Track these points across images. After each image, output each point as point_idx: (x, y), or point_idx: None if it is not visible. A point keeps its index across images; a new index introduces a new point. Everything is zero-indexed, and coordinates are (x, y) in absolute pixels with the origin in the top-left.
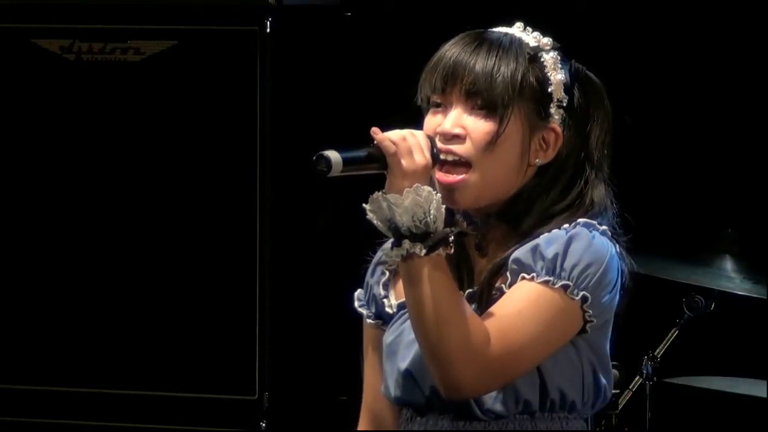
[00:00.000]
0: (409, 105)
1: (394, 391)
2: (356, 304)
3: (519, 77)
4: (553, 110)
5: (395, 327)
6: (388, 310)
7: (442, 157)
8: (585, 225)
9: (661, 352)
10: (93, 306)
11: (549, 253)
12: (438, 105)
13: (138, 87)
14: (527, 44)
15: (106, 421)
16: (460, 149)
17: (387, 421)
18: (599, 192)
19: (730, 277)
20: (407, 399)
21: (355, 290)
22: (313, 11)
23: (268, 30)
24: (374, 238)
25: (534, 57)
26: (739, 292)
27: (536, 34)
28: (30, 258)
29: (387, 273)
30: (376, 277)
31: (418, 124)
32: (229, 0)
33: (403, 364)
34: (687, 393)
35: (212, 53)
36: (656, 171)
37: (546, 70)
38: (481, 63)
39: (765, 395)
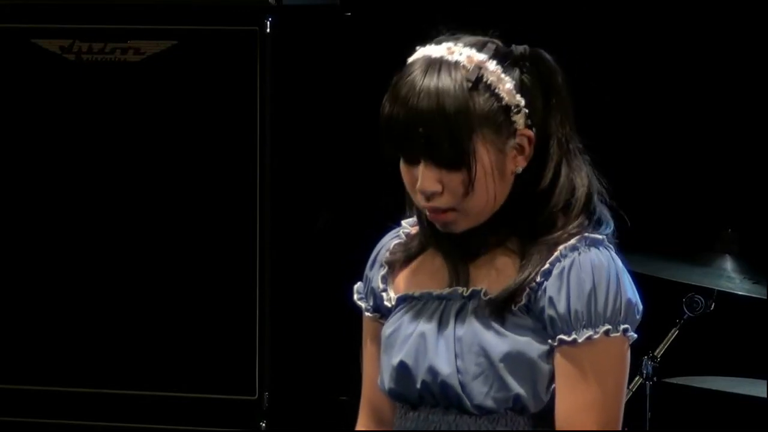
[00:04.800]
0: None
1: (388, 383)
2: (355, 296)
3: (469, 119)
4: (515, 118)
5: (394, 320)
6: (387, 303)
7: (428, 210)
8: (592, 243)
9: (661, 352)
10: (93, 306)
11: (585, 304)
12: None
13: (138, 87)
14: (464, 68)
15: (106, 421)
16: (442, 202)
17: (386, 413)
18: (578, 169)
19: (730, 277)
20: (400, 391)
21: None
22: (313, 11)
23: (267, 30)
24: (374, 238)
25: (476, 83)
26: (739, 292)
27: (469, 51)
28: (30, 258)
29: (386, 266)
30: (374, 271)
31: None
32: (229, 0)
33: (399, 356)
34: (687, 393)
35: (212, 53)
36: (656, 171)
37: (493, 87)
38: (426, 121)
39: (765, 395)
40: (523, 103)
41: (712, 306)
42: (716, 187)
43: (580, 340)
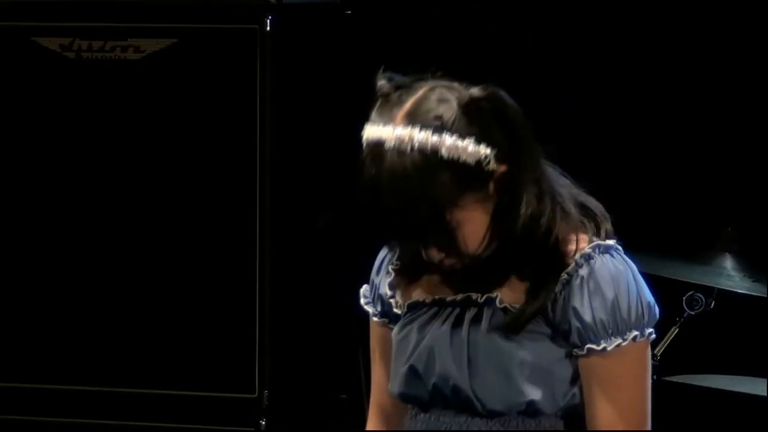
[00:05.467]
0: None
1: (398, 387)
2: (362, 301)
3: (440, 206)
4: (487, 167)
5: (404, 325)
6: (396, 310)
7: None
8: (605, 250)
9: (661, 351)
10: (92, 304)
11: (610, 312)
12: None
13: (138, 85)
14: (420, 153)
15: (106, 419)
16: (449, 263)
17: (395, 417)
18: (528, 203)
19: (730, 276)
20: (411, 394)
21: (355, 288)
22: (313, 9)
23: (268, 28)
24: (374, 237)
25: (438, 166)
26: (739, 291)
27: (419, 135)
28: (30, 257)
29: (392, 273)
30: (381, 276)
31: None
32: None
33: (409, 360)
34: (687, 391)
35: (212, 51)
36: (656, 169)
37: (455, 158)
38: (401, 225)
39: (765, 394)
40: (488, 150)
41: (712, 304)
42: (716, 185)
43: (609, 349)
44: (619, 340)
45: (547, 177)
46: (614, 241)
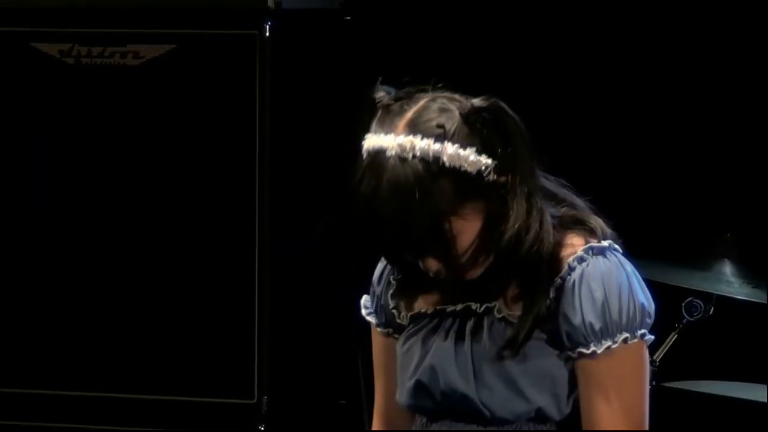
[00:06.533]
0: None
1: (406, 399)
2: (363, 312)
3: (440, 216)
4: (488, 177)
5: (408, 337)
6: (400, 321)
7: None
8: (599, 252)
9: (660, 357)
10: (92, 309)
11: (610, 313)
12: None
13: (137, 91)
14: (422, 161)
15: (105, 424)
16: (449, 273)
17: (400, 423)
18: (522, 214)
19: (729, 282)
20: (420, 405)
21: (354, 294)
22: (313, 15)
23: (267, 34)
24: (370, 250)
25: (439, 174)
26: (738, 297)
27: (421, 143)
28: (29, 261)
29: (393, 283)
30: (382, 287)
31: None
32: (228, 4)
33: (415, 375)
34: (686, 397)
35: (211, 57)
36: (655, 175)
37: (457, 167)
38: (401, 238)
39: (764, 400)
40: (489, 161)
41: (711, 310)
42: (715, 191)
43: (599, 352)
44: (609, 343)
45: (539, 194)
46: (609, 242)
